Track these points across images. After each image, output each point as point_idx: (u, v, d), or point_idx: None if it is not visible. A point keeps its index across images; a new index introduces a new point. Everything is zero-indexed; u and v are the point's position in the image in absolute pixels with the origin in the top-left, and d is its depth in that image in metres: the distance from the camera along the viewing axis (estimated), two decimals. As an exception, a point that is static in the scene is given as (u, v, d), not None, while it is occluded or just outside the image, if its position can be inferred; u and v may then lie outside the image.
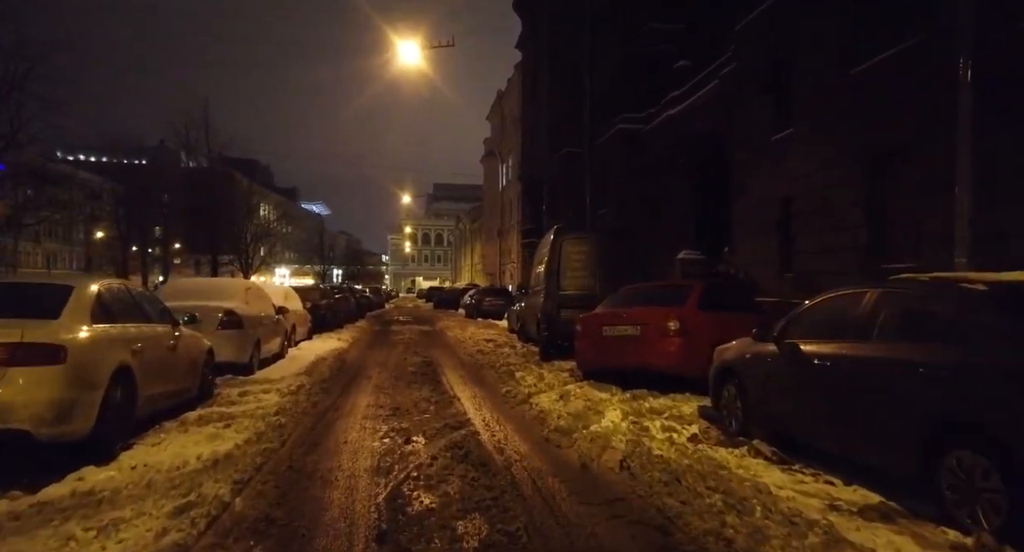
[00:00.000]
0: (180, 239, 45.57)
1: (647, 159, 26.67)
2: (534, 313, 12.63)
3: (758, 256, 16.79)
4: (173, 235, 44.41)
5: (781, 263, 15.50)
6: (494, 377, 9.84)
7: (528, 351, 12.81)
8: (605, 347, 7.89)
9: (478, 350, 13.63)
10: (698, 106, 22.38)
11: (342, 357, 12.65)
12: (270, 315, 10.93)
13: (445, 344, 16.36)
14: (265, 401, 7.03)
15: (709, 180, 21.81)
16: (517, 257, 49.28)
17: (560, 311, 11.14)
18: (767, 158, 16.34)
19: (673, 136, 24.75)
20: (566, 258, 11.16)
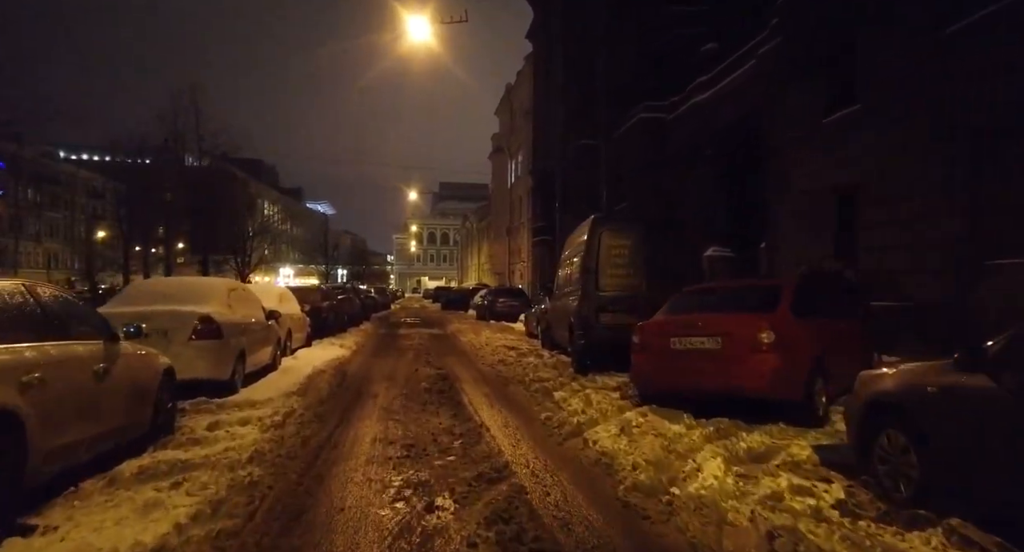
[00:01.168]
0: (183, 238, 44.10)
1: (670, 150, 24.96)
2: (565, 317, 10.96)
3: (806, 253, 15.06)
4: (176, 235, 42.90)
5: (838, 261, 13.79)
6: (525, 397, 8.17)
7: (559, 361, 11.13)
8: (674, 364, 6.20)
9: (499, 360, 11.96)
10: (729, 91, 20.66)
11: (344, 368, 11.01)
12: (259, 321, 9.30)
13: (459, 351, 14.70)
14: (240, 438, 5.37)
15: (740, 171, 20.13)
16: (527, 256, 47.59)
17: (599, 316, 9.47)
18: (819, 143, 14.60)
19: (700, 124, 23.02)
20: (606, 253, 9.49)
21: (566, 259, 11.93)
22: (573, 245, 11.21)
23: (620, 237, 9.51)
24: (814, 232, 14.87)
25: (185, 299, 7.82)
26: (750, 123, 19.04)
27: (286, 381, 8.97)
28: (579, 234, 10.72)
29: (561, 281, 12.21)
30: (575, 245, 10.90)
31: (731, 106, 20.63)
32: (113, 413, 4.35)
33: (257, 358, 9.21)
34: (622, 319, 9.42)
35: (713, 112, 21.81)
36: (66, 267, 75.91)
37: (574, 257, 10.75)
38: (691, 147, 23.01)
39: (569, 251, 11.67)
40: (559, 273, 12.76)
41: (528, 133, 47.65)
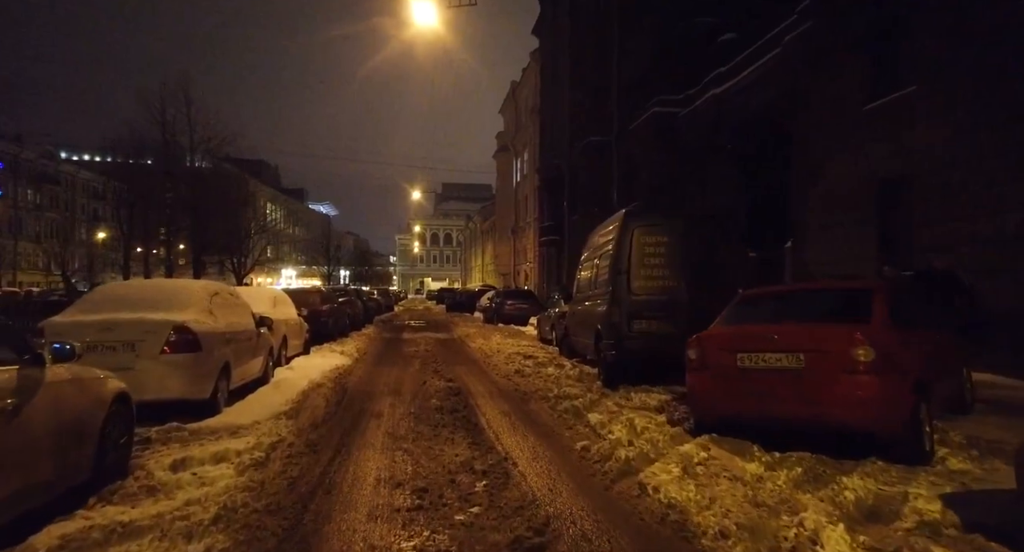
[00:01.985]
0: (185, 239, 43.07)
1: (685, 145, 23.86)
2: (589, 324, 9.84)
3: (842, 251, 13.93)
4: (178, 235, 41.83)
5: (881, 259, 12.68)
6: (552, 417, 7.05)
7: (583, 373, 10.01)
8: (742, 386, 5.08)
9: (515, 370, 10.85)
10: (750, 82, 19.53)
11: (344, 381, 9.90)
12: (247, 329, 8.21)
13: (470, 359, 13.59)
14: (210, 483, 4.27)
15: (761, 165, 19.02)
16: (534, 257, 46.50)
17: (632, 323, 8.35)
18: (859, 132, 13.46)
19: (717, 118, 21.91)
20: (639, 252, 8.37)
21: (588, 259, 10.83)
22: (598, 243, 10.10)
23: (656, 233, 8.39)
24: (850, 229, 13.74)
25: (158, 305, 6.72)
26: (773, 114, 17.92)
27: (277, 398, 7.88)
28: (605, 231, 9.61)
29: (583, 283, 11.10)
30: (601, 243, 9.79)
31: (752, 97, 19.51)
32: (30, 464, 3.26)
33: (245, 371, 8.12)
34: (658, 327, 8.32)
35: (732, 104, 20.70)
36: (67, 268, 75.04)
37: (599, 256, 9.64)
38: (708, 142, 21.90)
39: (592, 250, 10.56)
40: (579, 275, 11.65)
41: (534, 131, 46.57)
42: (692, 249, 8.33)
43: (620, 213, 8.76)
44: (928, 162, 10.74)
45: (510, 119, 58.18)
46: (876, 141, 12.60)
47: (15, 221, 69.94)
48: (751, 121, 19.54)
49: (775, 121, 17.66)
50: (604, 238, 9.60)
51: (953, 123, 10.14)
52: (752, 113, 19.49)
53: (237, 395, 7.83)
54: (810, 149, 15.92)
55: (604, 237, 9.63)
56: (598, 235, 10.28)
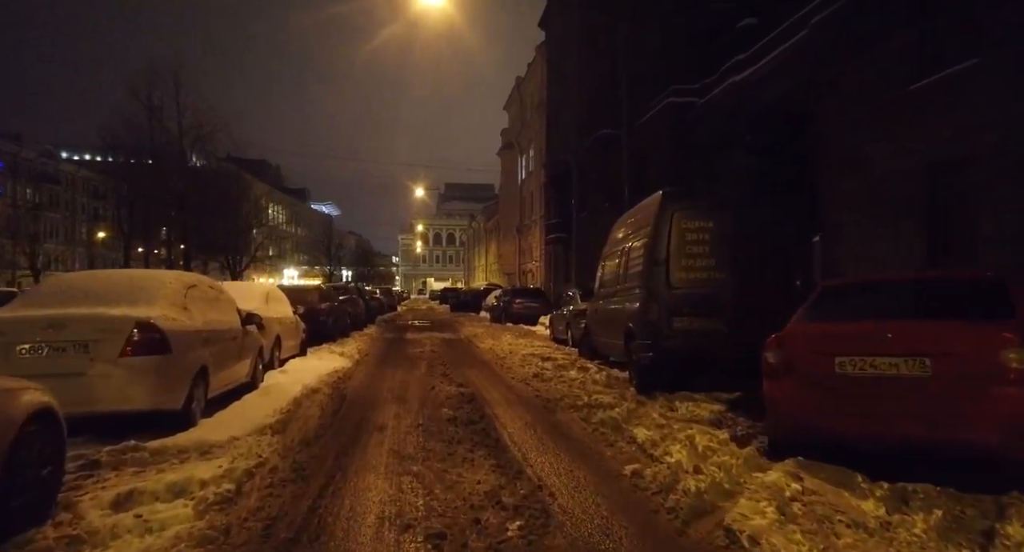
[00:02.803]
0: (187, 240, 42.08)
1: (701, 137, 22.77)
2: (617, 322, 8.76)
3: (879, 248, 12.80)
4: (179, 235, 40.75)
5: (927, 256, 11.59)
6: (587, 432, 5.98)
7: (610, 377, 8.91)
8: (845, 398, 3.99)
9: (533, 373, 9.76)
10: (773, 68, 18.41)
11: (342, 386, 8.83)
12: (230, 328, 7.15)
13: (480, 360, 12.51)
14: (155, 532, 3.20)
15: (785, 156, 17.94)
16: (540, 255, 45.42)
17: (672, 320, 7.26)
18: (902, 115, 12.36)
19: (737, 107, 20.77)
20: (680, 239, 7.28)
21: (614, 251, 9.74)
22: (626, 232, 9.01)
23: (699, 218, 7.30)
24: (892, 221, 12.62)
25: (120, 299, 5.66)
26: (798, 102, 16.84)
27: (265, 407, 6.81)
28: (638, 217, 8.52)
29: (607, 278, 10.02)
30: (630, 232, 8.70)
31: (775, 84, 18.38)
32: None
33: (228, 376, 7.06)
34: (703, 325, 7.23)
35: (753, 92, 19.57)
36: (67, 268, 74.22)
37: (629, 247, 8.56)
38: (726, 132, 20.78)
39: (619, 240, 9.48)
40: (602, 267, 10.57)
41: (540, 126, 45.50)
42: (742, 235, 7.24)
43: (656, 196, 7.68)
44: (995, 142, 9.64)
45: (515, 115, 57.12)
46: (925, 123, 11.49)
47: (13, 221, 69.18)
48: (772, 109, 18.42)
49: (799, 109, 16.56)
50: (635, 226, 8.52)
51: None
52: (773, 101, 18.38)
53: (218, 403, 6.77)
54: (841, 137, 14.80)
55: (635, 225, 8.55)
56: (626, 223, 9.20)
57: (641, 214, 8.27)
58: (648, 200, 8.13)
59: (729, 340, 7.06)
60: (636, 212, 8.63)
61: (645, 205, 8.22)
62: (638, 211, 8.49)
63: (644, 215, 8.05)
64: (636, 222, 8.47)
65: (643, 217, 8.08)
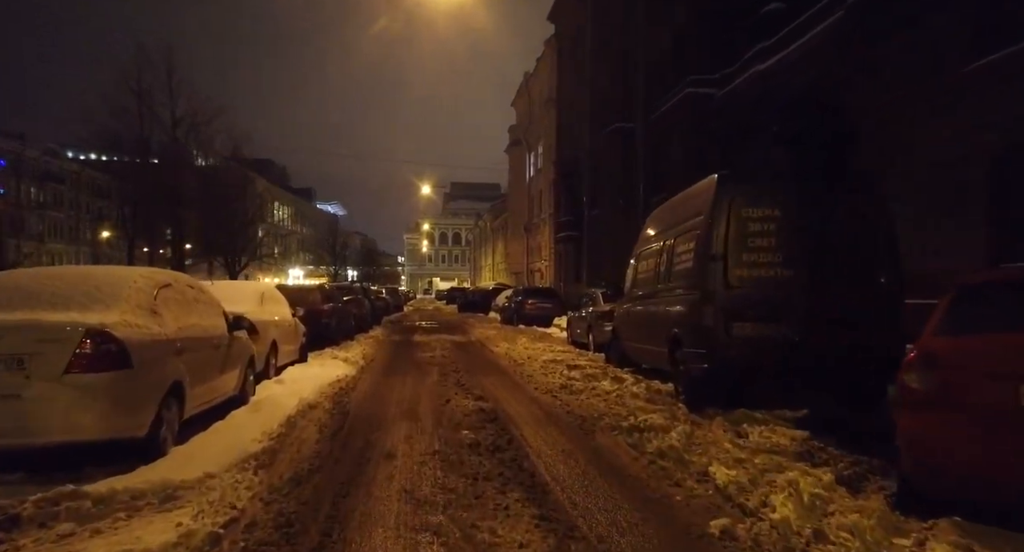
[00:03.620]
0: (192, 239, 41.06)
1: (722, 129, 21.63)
2: (659, 326, 7.66)
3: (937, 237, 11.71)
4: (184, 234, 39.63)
5: (991, 251, 10.49)
6: (642, 464, 4.88)
7: (651, 389, 7.81)
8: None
9: (560, 384, 8.66)
10: (802, 54, 17.28)
11: (345, 398, 7.76)
12: (213, 334, 6.09)
13: (497, 367, 11.42)
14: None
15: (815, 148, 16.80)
16: (549, 254, 44.34)
17: (730, 325, 6.16)
18: (958, 99, 11.24)
19: (761, 97, 19.61)
20: (740, 229, 6.18)
21: (651, 245, 8.64)
22: (668, 224, 7.91)
23: (762, 205, 6.19)
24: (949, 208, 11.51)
25: (69, 301, 4.60)
26: (831, 88, 15.71)
27: (252, 429, 5.74)
28: (684, 207, 7.41)
29: (642, 276, 8.92)
30: (674, 223, 7.59)
31: (805, 72, 17.25)
32: None
33: (210, 391, 6.00)
34: (768, 330, 6.14)
35: (779, 81, 18.44)
36: (68, 266, 73.39)
37: (673, 240, 7.46)
38: (750, 124, 19.65)
39: (657, 234, 8.38)
40: (635, 266, 9.48)
41: (550, 122, 44.39)
42: (817, 224, 6.13)
43: (710, 180, 6.57)
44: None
45: (523, 111, 56.04)
46: (985, 107, 10.38)
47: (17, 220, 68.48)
48: (801, 99, 17.25)
49: (832, 95, 15.42)
50: (679, 217, 7.41)
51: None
52: (803, 89, 17.23)
53: (199, 423, 5.72)
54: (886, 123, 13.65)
55: (679, 216, 7.44)
56: (667, 215, 8.09)
57: (688, 203, 7.16)
58: (698, 186, 7.02)
59: (801, 349, 5.97)
60: (681, 201, 7.53)
61: (693, 192, 7.11)
62: (684, 200, 7.38)
63: (693, 204, 6.94)
64: (681, 213, 7.36)
65: (692, 206, 6.98)
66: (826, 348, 5.92)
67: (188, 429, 5.52)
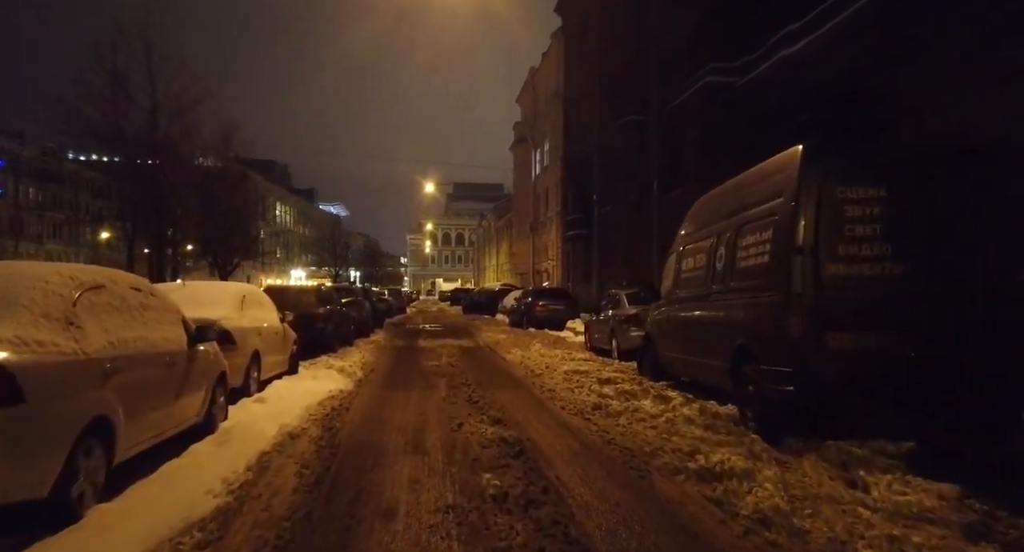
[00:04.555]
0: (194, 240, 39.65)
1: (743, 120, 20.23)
2: (717, 336, 6.32)
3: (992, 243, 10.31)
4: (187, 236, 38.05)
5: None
6: (734, 535, 3.54)
7: (706, 411, 6.44)
8: None
9: (592, 403, 7.28)
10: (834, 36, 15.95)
11: (336, 424, 6.41)
12: (162, 351, 4.76)
13: (513, 378, 10.08)
14: None
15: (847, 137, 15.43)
16: (556, 254, 42.98)
17: (825, 336, 4.82)
18: None
19: (788, 84, 18.20)
20: (835, 215, 4.84)
21: (699, 238, 7.30)
22: (726, 211, 6.55)
23: (866, 182, 4.85)
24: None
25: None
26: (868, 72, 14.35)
27: (210, 474, 4.42)
28: (751, 188, 6.05)
29: (687, 275, 7.57)
30: (737, 210, 6.25)
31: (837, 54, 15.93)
32: None
33: (157, 423, 4.67)
34: (876, 342, 4.78)
35: (809, 65, 17.08)
36: (67, 268, 72.26)
37: (737, 231, 6.12)
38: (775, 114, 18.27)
39: (709, 222, 7.03)
40: (675, 262, 8.13)
41: (556, 117, 43.03)
42: (937, 206, 4.79)
43: (791, 152, 5.22)
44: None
45: (528, 108, 54.70)
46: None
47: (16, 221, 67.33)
48: (833, 83, 15.83)
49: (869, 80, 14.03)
50: (746, 201, 6.06)
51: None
52: (835, 73, 15.82)
53: (143, 465, 4.41)
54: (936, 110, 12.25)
55: (745, 200, 6.09)
56: (726, 199, 6.72)
57: (758, 185, 5.81)
58: (772, 162, 5.66)
59: (918, 366, 4.63)
60: (747, 184, 6.17)
61: (767, 170, 5.76)
62: (752, 181, 6.03)
63: (766, 185, 5.59)
64: (747, 197, 6.01)
65: (764, 188, 5.63)
66: (951, 365, 4.58)
67: (126, 474, 4.21)
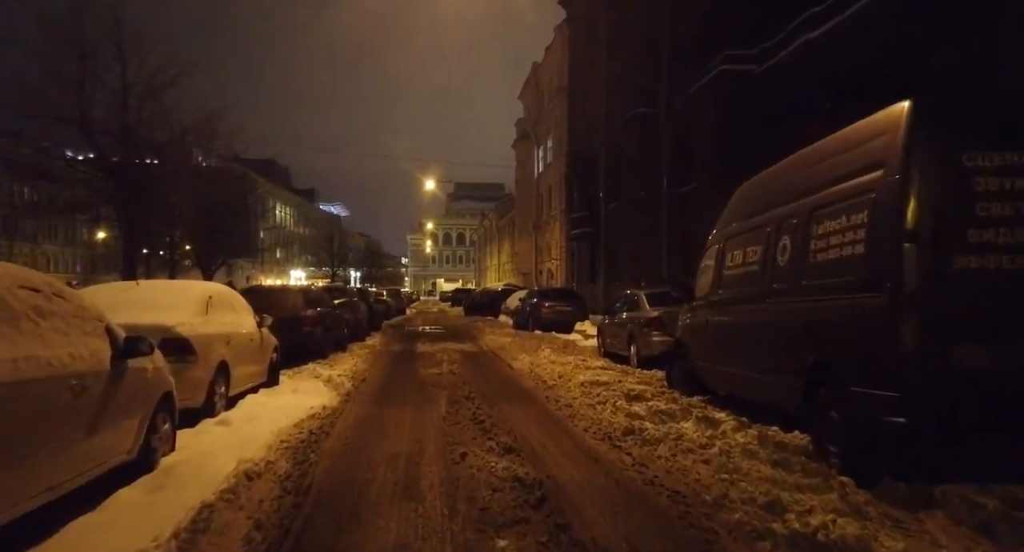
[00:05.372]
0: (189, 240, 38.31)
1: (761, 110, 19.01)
2: (781, 346, 5.11)
3: None
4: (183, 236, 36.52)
5: None
6: None
7: (765, 438, 5.21)
8: None
9: (625, 428, 6.02)
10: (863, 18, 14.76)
11: (309, 457, 5.19)
12: (64, 372, 3.54)
13: (523, 392, 8.86)
14: None
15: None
16: (560, 253, 41.78)
17: (951, 350, 3.62)
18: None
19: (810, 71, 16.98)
20: (963, 191, 3.66)
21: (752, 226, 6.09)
22: (798, 189, 5.27)
23: (1005, 146, 3.66)
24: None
25: None
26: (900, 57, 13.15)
27: (127, 536, 3.22)
28: (831, 161, 4.79)
29: (734, 271, 6.36)
30: (814, 187, 4.97)
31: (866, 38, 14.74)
32: None
33: (56, 471, 3.47)
34: (1019, 360, 3.56)
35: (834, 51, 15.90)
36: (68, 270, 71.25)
37: (799, 217, 4.91)
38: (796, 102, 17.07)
39: (769, 206, 5.80)
40: (717, 257, 6.92)
41: (561, 113, 41.84)
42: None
43: (895, 110, 3.98)
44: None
45: (531, 104, 53.49)
46: None
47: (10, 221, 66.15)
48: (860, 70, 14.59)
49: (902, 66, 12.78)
50: (823, 178, 4.82)
51: None
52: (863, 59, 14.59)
53: (44, 523, 3.22)
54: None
55: (821, 176, 4.85)
56: (793, 177, 5.43)
57: (844, 155, 4.54)
58: (863, 126, 4.43)
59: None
60: (823, 155, 4.88)
61: (852, 138, 4.53)
62: (832, 151, 4.74)
63: (856, 156, 4.36)
64: (824, 172, 4.77)
65: (852, 159, 4.40)
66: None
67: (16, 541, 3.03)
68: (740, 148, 18.94)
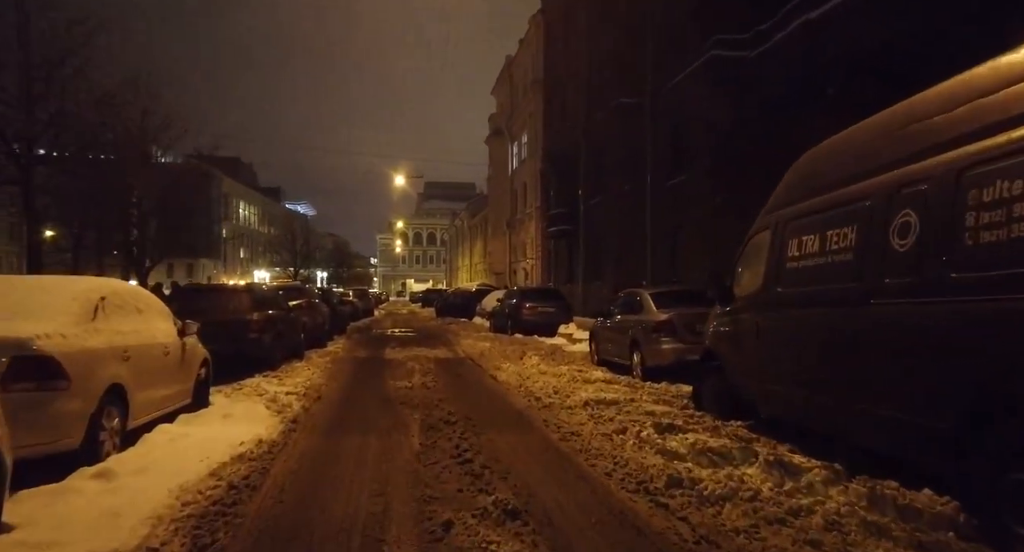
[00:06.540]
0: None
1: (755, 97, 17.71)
2: (903, 366, 3.58)
3: None
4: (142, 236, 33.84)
5: None
6: None
7: (879, 497, 3.68)
8: None
9: (668, 476, 4.44)
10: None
11: (217, 534, 3.49)
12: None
13: (515, 413, 7.20)
14: None
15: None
16: (536, 252, 40.24)
17: None
18: None
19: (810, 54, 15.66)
20: None
21: (831, 201, 4.56)
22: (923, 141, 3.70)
23: None
24: None
25: None
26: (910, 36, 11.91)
27: None
28: (975, 101, 3.27)
29: (802, 262, 4.82)
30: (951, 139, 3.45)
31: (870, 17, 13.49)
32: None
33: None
34: None
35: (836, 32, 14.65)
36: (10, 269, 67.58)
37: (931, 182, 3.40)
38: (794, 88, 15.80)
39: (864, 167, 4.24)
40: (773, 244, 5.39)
41: (536, 107, 40.31)
42: None
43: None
44: None
45: (504, 99, 51.90)
46: None
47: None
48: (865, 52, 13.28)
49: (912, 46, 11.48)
50: (963, 128, 3.29)
51: None
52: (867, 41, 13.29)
53: None
54: None
55: (961, 127, 3.32)
56: (913, 128, 3.88)
57: (1000, 94, 2.98)
58: (1008, 62, 2.91)
59: None
60: (965, 95, 3.34)
61: (1009, 73, 2.99)
62: (983, 87, 3.23)
63: (1002, 100, 2.82)
64: (967, 121, 3.21)
65: (997, 104, 2.86)
66: None
67: None
68: (735, 137, 17.66)
